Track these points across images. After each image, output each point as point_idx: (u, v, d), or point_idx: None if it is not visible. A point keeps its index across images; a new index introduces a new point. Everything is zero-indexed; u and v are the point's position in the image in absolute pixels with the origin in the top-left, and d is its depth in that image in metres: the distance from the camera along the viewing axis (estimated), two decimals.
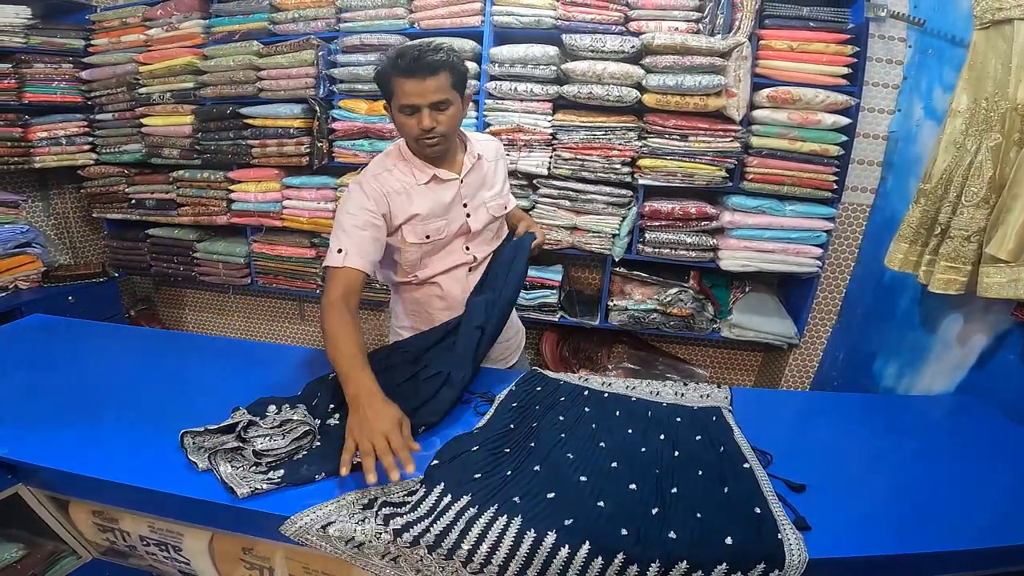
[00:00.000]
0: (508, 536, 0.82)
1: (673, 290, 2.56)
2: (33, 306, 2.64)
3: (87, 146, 3.13)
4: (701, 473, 0.98)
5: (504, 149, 1.65)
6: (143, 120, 2.97)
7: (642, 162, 2.38)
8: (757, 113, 2.26)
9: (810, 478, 0.97)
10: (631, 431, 1.11)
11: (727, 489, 0.92)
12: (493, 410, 1.18)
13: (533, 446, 1.04)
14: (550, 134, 2.44)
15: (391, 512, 0.86)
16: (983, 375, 1.66)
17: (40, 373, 1.34)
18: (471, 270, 1.48)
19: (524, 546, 0.81)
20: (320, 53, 2.60)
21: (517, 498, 0.88)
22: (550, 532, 0.81)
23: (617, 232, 2.48)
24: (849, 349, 2.42)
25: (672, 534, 0.82)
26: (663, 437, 1.09)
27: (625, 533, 0.82)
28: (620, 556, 0.79)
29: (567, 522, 0.83)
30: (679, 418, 1.16)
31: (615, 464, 1.00)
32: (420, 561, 0.85)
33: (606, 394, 1.26)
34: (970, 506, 0.96)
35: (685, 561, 0.78)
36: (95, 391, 1.25)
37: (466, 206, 1.43)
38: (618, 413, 1.18)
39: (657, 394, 1.26)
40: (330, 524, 0.86)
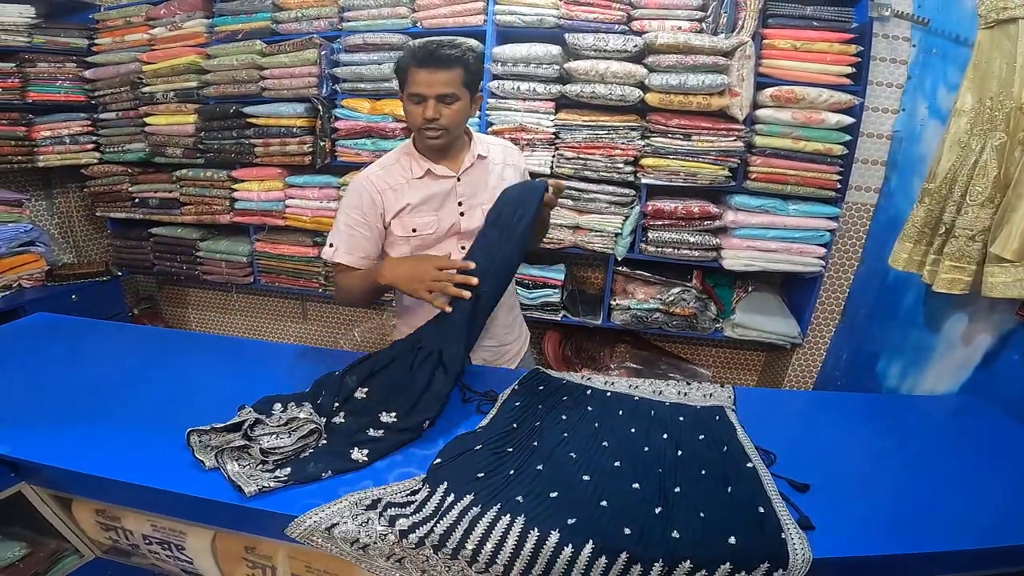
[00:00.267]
0: (512, 535, 0.82)
1: (676, 289, 2.55)
2: (36, 305, 2.65)
3: (91, 145, 3.14)
4: (704, 473, 0.97)
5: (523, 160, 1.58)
6: (146, 119, 2.98)
7: (645, 161, 2.37)
8: (760, 112, 2.25)
9: (814, 478, 0.97)
10: (634, 430, 1.11)
11: (730, 489, 0.92)
12: (496, 409, 1.17)
13: (536, 445, 1.04)
14: (553, 133, 2.43)
15: (396, 513, 0.86)
16: (987, 375, 1.66)
17: (43, 371, 1.34)
18: None
19: (528, 545, 0.80)
20: (323, 52, 2.60)
21: (520, 497, 0.88)
22: (553, 531, 0.81)
23: (620, 231, 2.48)
24: (853, 349, 2.41)
25: (675, 534, 0.82)
26: (666, 436, 1.08)
27: (628, 532, 0.82)
28: (623, 555, 0.79)
29: (570, 521, 0.83)
30: (682, 417, 1.16)
31: (618, 463, 1.00)
32: (426, 562, 0.85)
33: (609, 393, 1.26)
34: (974, 506, 0.95)
35: (689, 561, 0.78)
36: (98, 390, 1.25)
37: (461, 204, 1.43)
38: (621, 412, 1.18)
39: (660, 393, 1.26)
40: (335, 525, 0.86)
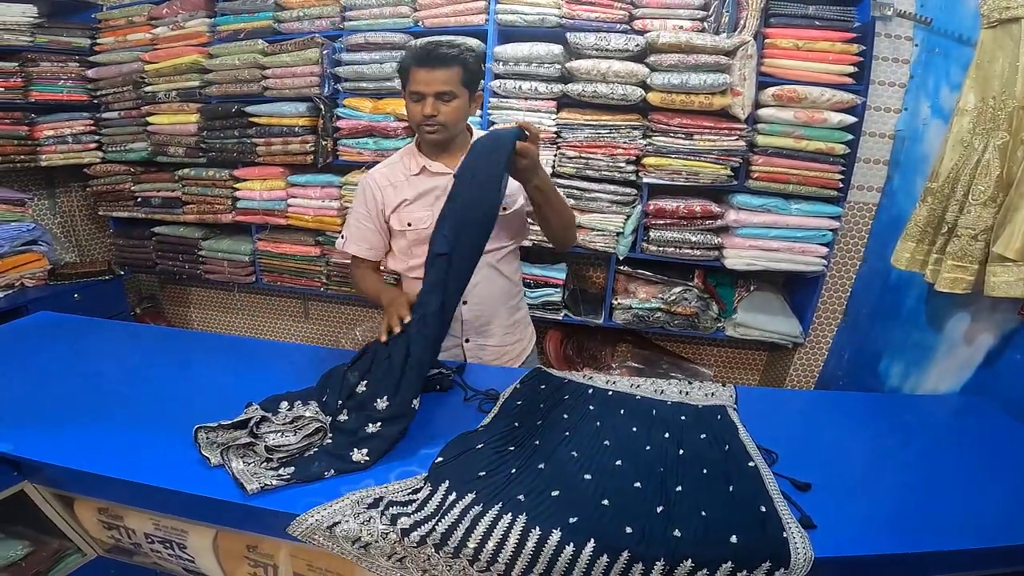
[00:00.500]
0: (513, 534, 0.82)
1: (678, 289, 2.55)
2: (39, 304, 2.66)
3: (93, 144, 3.15)
4: (706, 471, 0.97)
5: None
6: (149, 118, 2.99)
7: (647, 160, 2.37)
8: (762, 111, 2.25)
9: (815, 477, 0.96)
10: (635, 429, 1.11)
11: (732, 487, 0.92)
12: (497, 408, 1.18)
13: (538, 444, 1.04)
14: (554, 132, 2.43)
15: (398, 512, 0.86)
16: (990, 374, 1.65)
17: (45, 370, 1.35)
18: None
19: (529, 544, 0.80)
20: (325, 52, 2.60)
21: (522, 496, 0.88)
22: (555, 530, 0.81)
23: (621, 230, 2.48)
24: (855, 348, 2.41)
25: (677, 532, 0.82)
26: (668, 435, 1.08)
27: (630, 531, 0.82)
28: (625, 554, 0.79)
29: (572, 520, 0.83)
30: (684, 416, 1.16)
31: (620, 462, 1.00)
32: (427, 561, 0.85)
33: (610, 392, 1.26)
34: (976, 506, 0.95)
35: (690, 559, 0.78)
36: (100, 388, 1.25)
37: None
38: (623, 411, 1.18)
39: (662, 392, 1.26)
40: (336, 524, 0.86)
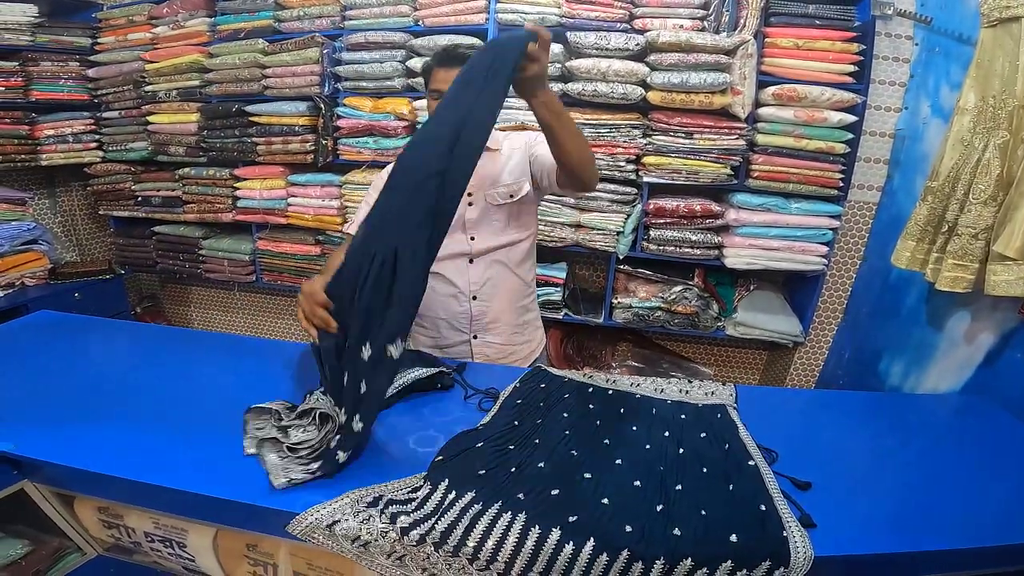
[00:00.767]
0: (512, 533, 0.81)
1: (678, 288, 2.55)
2: (39, 303, 2.66)
3: (94, 144, 3.15)
4: (706, 470, 0.97)
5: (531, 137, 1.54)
6: (149, 118, 2.99)
7: (647, 159, 2.37)
8: (763, 111, 2.25)
9: (816, 476, 0.96)
10: (635, 428, 1.11)
11: (732, 486, 0.92)
12: (497, 407, 1.17)
13: (537, 443, 1.04)
14: None
15: (397, 510, 0.86)
16: (990, 374, 1.65)
17: (46, 369, 1.35)
18: (471, 261, 1.50)
19: (529, 543, 0.80)
20: (325, 51, 2.60)
21: (521, 495, 0.88)
22: (554, 529, 0.81)
23: (622, 230, 2.48)
24: (855, 347, 2.41)
25: (677, 531, 0.82)
26: (668, 434, 1.08)
27: (629, 530, 0.82)
28: (624, 553, 0.78)
29: (571, 519, 0.83)
30: (684, 415, 1.16)
31: (619, 461, 1.00)
32: (427, 559, 0.85)
33: (611, 391, 1.26)
34: (976, 505, 0.95)
35: (690, 558, 0.78)
36: (100, 387, 1.25)
37: (471, 195, 1.48)
38: (623, 410, 1.18)
39: (662, 391, 1.26)
40: (336, 523, 0.86)
